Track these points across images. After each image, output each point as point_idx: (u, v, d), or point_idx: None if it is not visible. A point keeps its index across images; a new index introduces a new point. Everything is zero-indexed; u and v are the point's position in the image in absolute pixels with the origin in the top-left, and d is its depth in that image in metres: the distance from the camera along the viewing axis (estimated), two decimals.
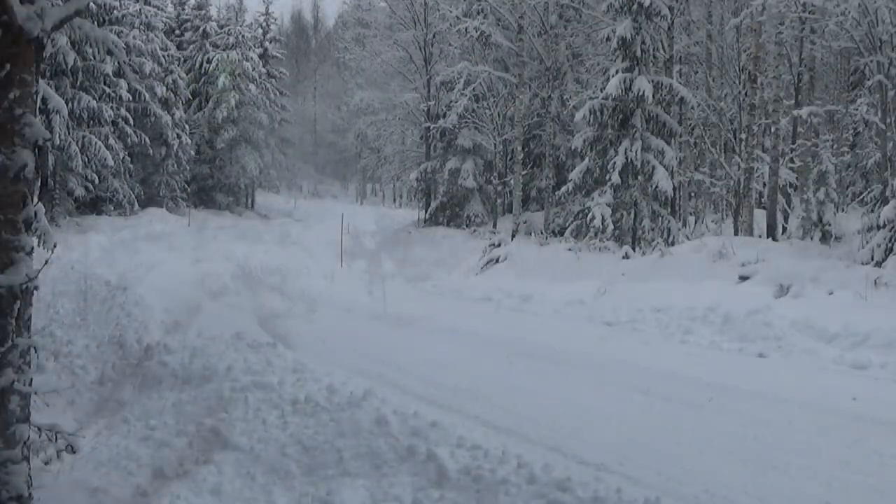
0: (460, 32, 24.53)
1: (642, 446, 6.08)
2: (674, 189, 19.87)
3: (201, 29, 45.84)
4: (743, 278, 13.15)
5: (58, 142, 25.00)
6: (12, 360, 3.95)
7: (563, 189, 20.53)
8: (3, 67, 3.86)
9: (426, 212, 29.79)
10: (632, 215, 19.19)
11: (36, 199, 4.07)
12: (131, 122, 33.18)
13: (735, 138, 22.03)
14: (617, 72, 18.60)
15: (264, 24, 52.35)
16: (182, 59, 43.52)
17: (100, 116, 29.01)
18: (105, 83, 30.49)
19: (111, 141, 30.28)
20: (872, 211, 16.88)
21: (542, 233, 22.65)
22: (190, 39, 46.05)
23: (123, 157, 32.58)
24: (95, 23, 29.37)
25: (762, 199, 22.52)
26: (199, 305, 13.74)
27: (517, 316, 13.20)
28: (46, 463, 5.29)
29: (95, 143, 28.39)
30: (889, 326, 9.67)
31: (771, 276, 12.58)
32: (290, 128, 55.86)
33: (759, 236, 18.47)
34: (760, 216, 20.05)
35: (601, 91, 19.54)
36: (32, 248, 4.06)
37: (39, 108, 5.14)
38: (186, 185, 42.53)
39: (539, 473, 4.95)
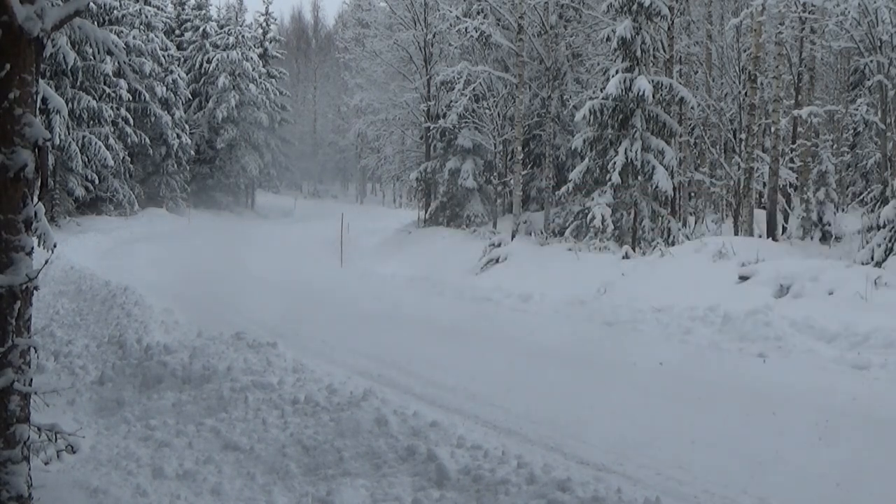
0: (460, 32, 24.48)
1: (642, 446, 6.08)
2: (674, 189, 19.86)
3: (201, 29, 45.88)
4: (743, 278, 13.14)
5: (58, 142, 25.00)
6: (12, 360, 3.95)
7: (563, 189, 20.52)
8: (3, 67, 3.86)
9: (426, 212, 29.77)
10: (632, 215, 19.19)
11: (36, 199, 4.07)
12: (131, 122, 33.21)
13: (735, 138, 22.03)
14: (617, 72, 18.60)
15: (264, 24, 52.36)
16: (182, 59, 43.56)
17: (100, 116, 29.02)
18: (105, 83, 30.50)
19: (111, 141, 30.30)
20: (872, 211, 16.90)
21: (542, 233, 22.65)
22: (190, 39, 46.09)
23: (123, 157, 32.60)
24: (95, 23, 29.38)
25: (762, 199, 22.52)
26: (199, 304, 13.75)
27: (517, 316, 13.20)
28: (46, 463, 5.29)
29: (95, 143, 28.40)
30: (889, 326, 9.67)
31: (771, 276, 12.58)
32: (290, 128, 55.87)
33: (759, 236, 18.47)
34: (760, 216, 20.05)
35: (601, 91, 19.54)
36: (32, 248, 4.06)
37: (39, 108, 5.13)
38: (186, 185, 42.57)
39: (539, 473, 4.95)
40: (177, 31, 46.04)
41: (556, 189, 22.79)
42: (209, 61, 44.86)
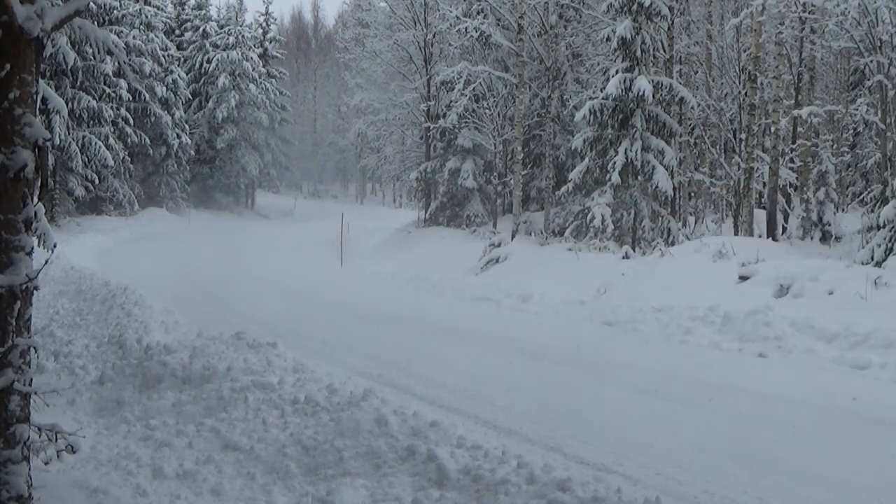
0: (460, 32, 24.49)
1: (642, 446, 6.08)
2: (674, 189, 19.86)
3: (201, 29, 45.88)
4: (743, 278, 13.14)
5: (58, 142, 25.00)
6: (12, 360, 3.95)
7: (563, 189, 20.53)
8: (3, 67, 3.86)
9: (426, 212, 29.79)
10: (632, 215, 19.19)
11: (36, 199, 4.07)
12: (131, 122, 33.21)
13: (735, 138, 22.03)
14: (617, 72, 18.60)
15: (264, 24, 52.37)
16: (182, 59, 43.55)
17: (100, 116, 29.03)
18: (105, 83, 30.51)
19: (111, 141, 30.31)
20: (872, 211, 16.90)
21: (542, 233, 22.65)
22: (190, 39, 46.09)
23: (123, 157, 32.61)
24: (95, 23, 29.38)
25: (762, 199, 22.52)
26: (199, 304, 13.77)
27: (517, 316, 13.20)
28: (46, 463, 5.29)
29: (95, 143, 28.40)
30: (889, 326, 9.67)
31: (771, 276, 12.58)
32: (290, 128, 55.87)
33: (759, 236, 18.47)
34: (760, 216, 20.05)
35: (601, 91, 19.54)
36: (32, 248, 4.06)
37: (39, 108, 5.13)
38: (186, 185, 42.58)
39: (539, 473, 4.95)
40: (177, 31, 46.03)
41: (556, 189, 22.79)
42: (209, 61, 44.87)
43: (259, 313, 12.80)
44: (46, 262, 5.24)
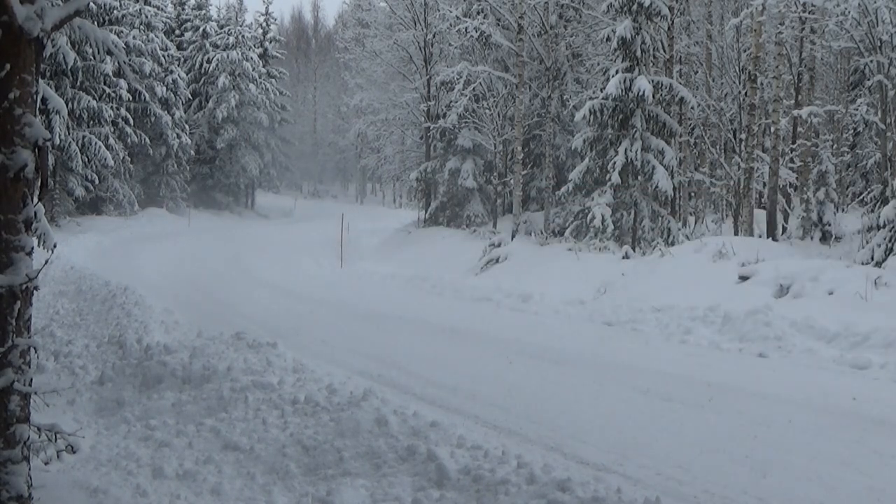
0: (460, 32, 24.50)
1: (642, 446, 6.08)
2: (674, 189, 19.86)
3: (201, 29, 45.87)
4: (743, 278, 13.14)
5: (58, 142, 24.99)
6: (12, 360, 3.95)
7: (563, 189, 20.53)
8: (3, 67, 3.86)
9: (426, 212, 29.79)
10: (632, 215, 19.19)
11: (36, 199, 4.07)
12: (131, 122, 33.21)
13: (735, 138, 22.03)
14: (617, 72, 18.61)
15: (264, 24, 52.37)
16: (182, 59, 43.55)
17: (100, 116, 29.02)
18: (105, 83, 30.50)
19: (111, 141, 30.30)
20: (872, 211, 16.91)
21: (542, 233, 22.65)
22: (190, 39, 46.08)
23: (123, 157, 32.61)
24: (95, 23, 29.38)
25: (762, 199, 22.52)
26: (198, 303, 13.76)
27: (517, 316, 13.20)
28: (46, 463, 5.29)
29: (95, 143, 28.40)
30: (889, 326, 9.67)
31: (771, 276, 12.58)
32: (290, 128, 55.87)
33: (759, 236, 18.48)
34: (760, 216, 20.05)
35: (601, 91, 19.54)
36: (32, 248, 4.06)
37: (39, 108, 5.13)
38: (186, 185, 42.57)
39: (539, 473, 4.95)
40: (177, 31, 46.02)
41: (556, 189, 22.79)
42: (209, 61, 44.86)
43: (259, 313, 12.81)
44: (46, 262, 5.24)
